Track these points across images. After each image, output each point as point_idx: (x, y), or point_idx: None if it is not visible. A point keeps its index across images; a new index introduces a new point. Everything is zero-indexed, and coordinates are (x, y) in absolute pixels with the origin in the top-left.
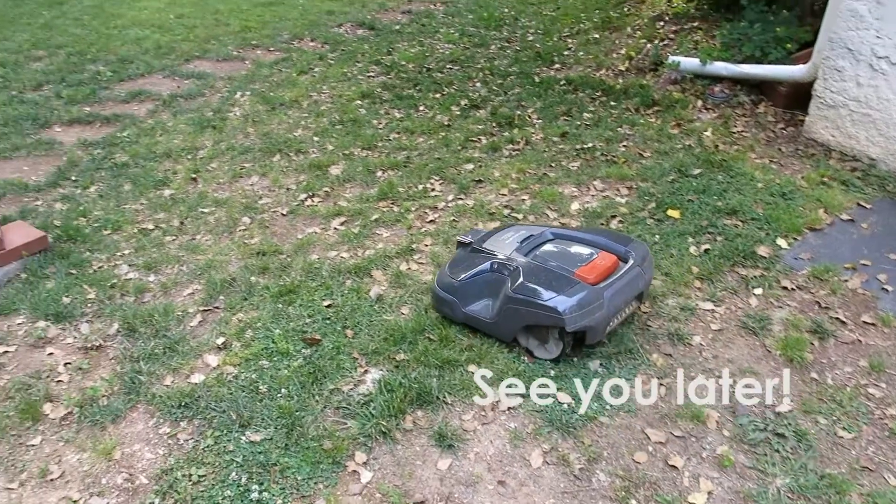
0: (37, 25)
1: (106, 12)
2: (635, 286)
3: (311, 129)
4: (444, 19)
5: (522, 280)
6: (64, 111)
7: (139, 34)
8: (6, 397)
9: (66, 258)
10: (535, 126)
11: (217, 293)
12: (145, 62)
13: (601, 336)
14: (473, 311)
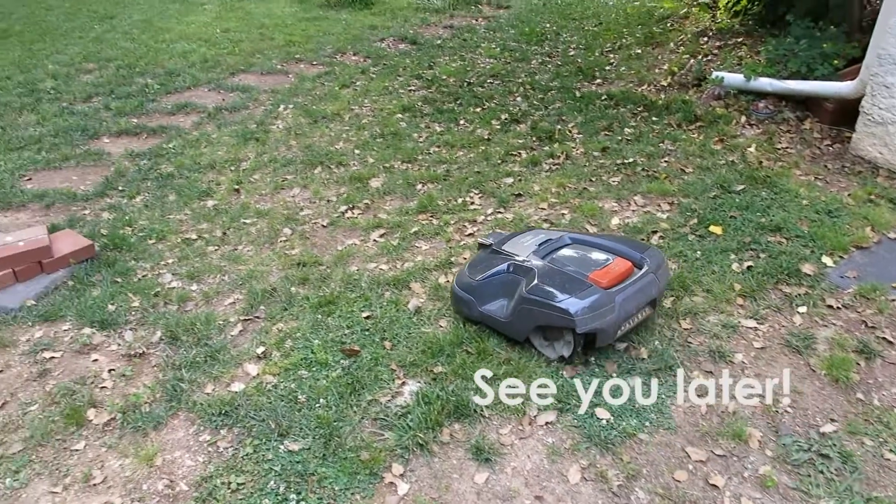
0: (88, 39)
1: (155, 26)
2: (648, 292)
3: (352, 141)
4: (486, 34)
5: (537, 282)
6: (112, 123)
7: (186, 48)
8: (52, 402)
9: (112, 266)
10: (576, 141)
11: (258, 303)
12: (192, 75)
13: (612, 339)
14: (489, 311)
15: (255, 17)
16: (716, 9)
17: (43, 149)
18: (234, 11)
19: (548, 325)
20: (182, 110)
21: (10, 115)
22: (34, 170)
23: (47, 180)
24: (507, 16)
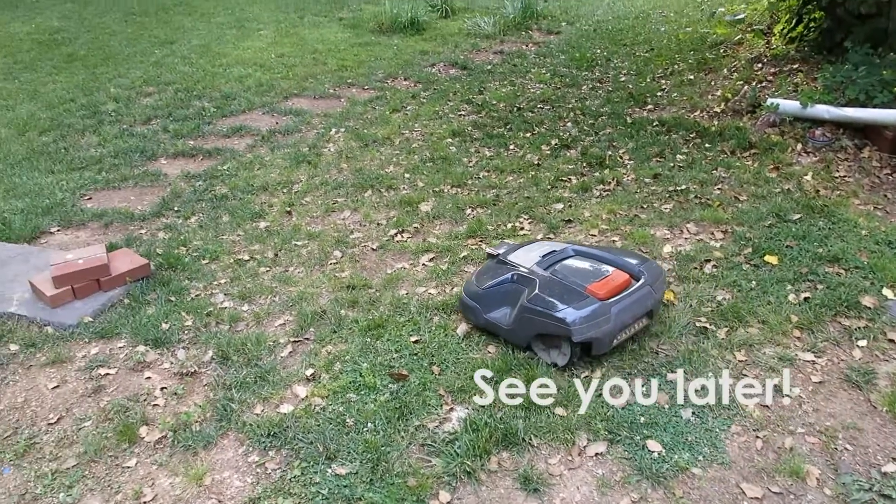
0: (149, 63)
1: (212, 51)
2: (644, 304)
3: (402, 165)
4: (536, 59)
5: (538, 292)
6: (170, 144)
7: (242, 72)
8: (105, 418)
9: (167, 285)
10: (627, 167)
11: (307, 325)
12: (247, 99)
13: (607, 348)
14: (493, 318)
15: (308, 43)
16: (770, 35)
17: (103, 169)
18: (289, 37)
19: (549, 334)
20: (237, 133)
21: (73, 136)
22: (94, 189)
23: (107, 200)
24: (557, 41)
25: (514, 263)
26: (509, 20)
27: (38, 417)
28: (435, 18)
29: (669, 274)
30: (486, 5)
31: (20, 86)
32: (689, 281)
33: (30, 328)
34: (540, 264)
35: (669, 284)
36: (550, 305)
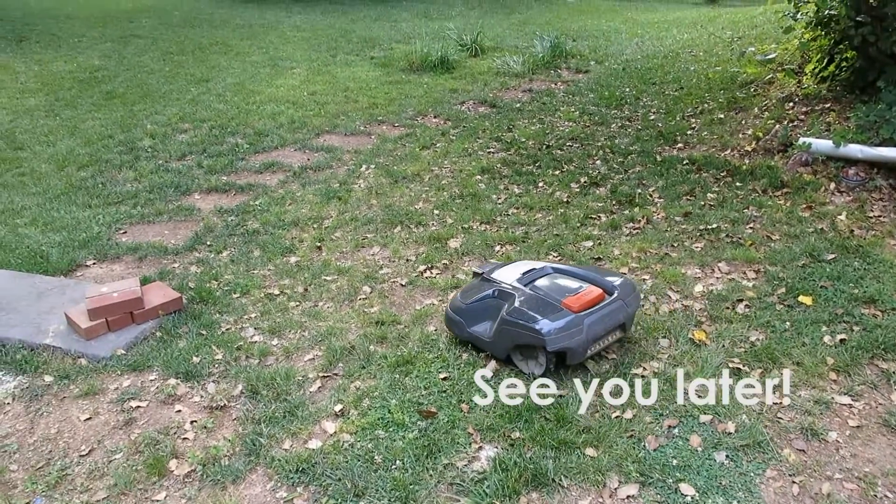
0: (185, 100)
1: (246, 89)
2: (616, 317)
3: (431, 202)
4: (565, 98)
5: (516, 305)
6: (203, 180)
7: (275, 109)
8: (136, 451)
9: (198, 319)
10: (657, 205)
11: (336, 360)
12: (279, 136)
13: (581, 358)
14: (476, 331)
15: (340, 81)
16: (802, 74)
17: (139, 204)
18: (321, 75)
19: (525, 345)
20: (269, 169)
21: (110, 171)
22: (130, 224)
23: (141, 234)
24: (586, 80)
25: (497, 280)
26: (538, 59)
27: (71, 449)
28: (465, 57)
29: (701, 313)
30: (516, 45)
31: (61, 122)
32: (722, 321)
33: (64, 360)
34: (520, 281)
35: (700, 324)
36: (528, 317)
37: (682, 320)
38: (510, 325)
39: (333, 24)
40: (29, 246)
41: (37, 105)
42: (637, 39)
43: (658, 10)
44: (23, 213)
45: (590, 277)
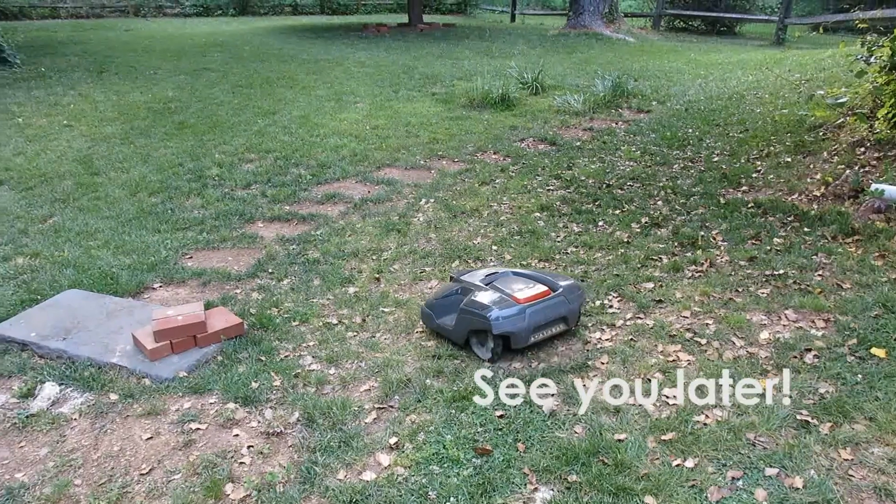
0: (251, 132)
1: (311, 122)
2: (557, 310)
3: (490, 237)
4: (626, 137)
5: (472, 297)
6: (267, 209)
7: (338, 142)
8: (194, 473)
9: (258, 345)
10: (720, 248)
11: (392, 392)
12: (341, 168)
13: (524, 343)
14: (442, 322)
15: (402, 116)
16: (874, 119)
17: (204, 230)
18: (384, 110)
19: (477, 329)
20: (330, 200)
21: (179, 198)
22: (195, 249)
23: (206, 259)
24: (647, 120)
25: (464, 281)
26: (599, 98)
27: (132, 467)
28: (525, 95)
29: (766, 361)
30: (576, 83)
31: (135, 150)
32: (789, 370)
33: (129, 379)
34: (483, 281)
35: (766, 373)
36: (480, 307)
37: (746, 368)
38: (467, 313)
39: (396, 60)
40: (101, 267)
41: (113, 133)
42: (700, 80)
43: (722, 51)
44: (96, 236)
45: (541, 279)
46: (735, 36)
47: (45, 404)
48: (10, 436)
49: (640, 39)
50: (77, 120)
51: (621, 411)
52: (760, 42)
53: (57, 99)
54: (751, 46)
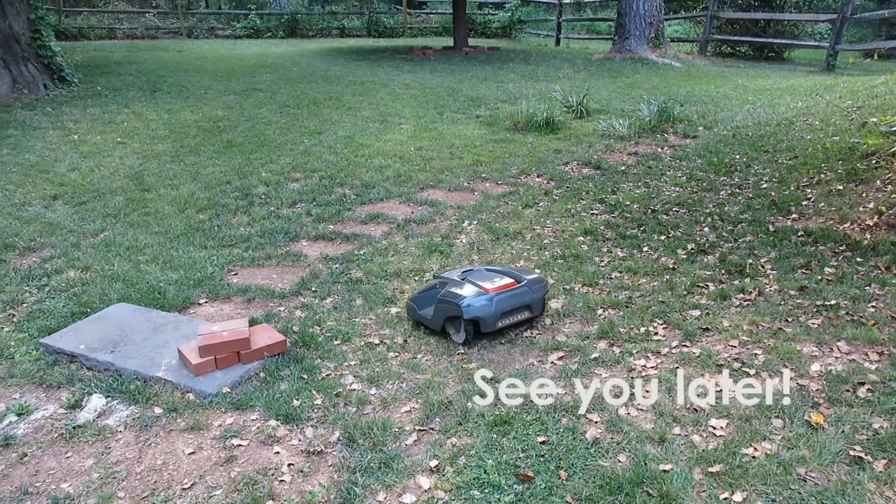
0: (298, 151)
1: (356, 142)
2: (522, 299)
3: (532, 261)
4: (671, 162)
5: (448, 289)
6: (311, 228)
7: (382, 163)
8: (234, 489)
9: (300, 363)
10: (769, 277)
11: (433, 414)
12: (385, 188)
13: (492, 327)
14: (423, 313)
15: (446, 138)
16: None
17: (250, 247)
18: (428, 132)
19: (452, 316)
20: (374, 220)
21: (226, 215)
22: (241, 266)
23: (251, 276)
24: (693, 145)
25: (443, 277)
26: (644, 122)
27: (174, 481)
28: (570, 119)
29: (818, 394)
30: (622, 107)
31: (184, 167)
32: (841, 404)
33: (174, 393)
34: (459, 276)
35: (817, 406)
36: (454, 296)
37: (797, 400)
38: (443, 302)
39: (441, 83)
40: (148, 282)
41: (164, 150)
42: (748, 106)
43: (770, 76)
44: (145, 251)
45: (509, 273)
46: (784, 62)
47: (91, 416)
48: (57, 446)
49: (687, 64)
50: (130, 137)
51: (667, 441)
52: (810, 68)
53: (111, 117)
54: (800, 72)
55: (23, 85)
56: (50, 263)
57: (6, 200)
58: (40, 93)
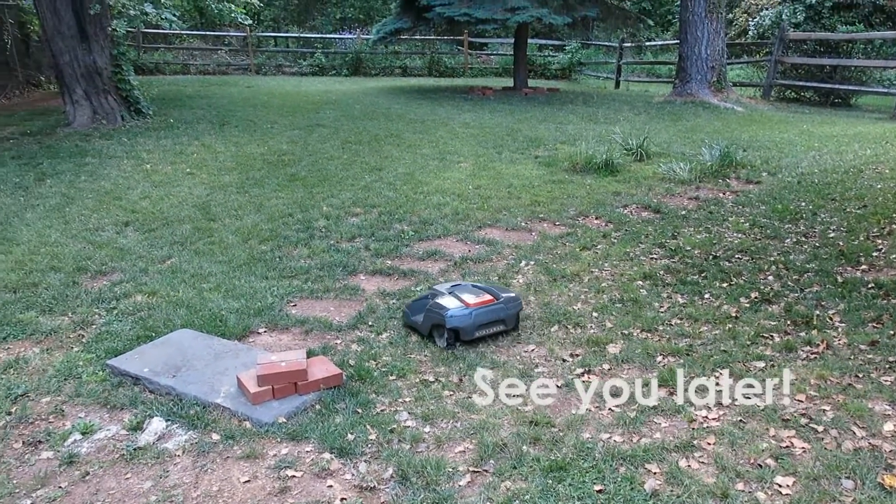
0: (358, 187)
1: (415, 179)
2: (497, 314)
3: (590, 304)
4: (734, 208)
5: (436, 300)
6: (369, 262)
7: (441, 200)
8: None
9: (355, 397)
10: (838, 330)
11: (488, 456)
12: (443, 226)
13: (470, 336)
14: (415, 319)
15: (504, 177)
16: None
17: (309, 279)
18: (487, 171)
19: (437, 324)
20: (431, 257)
21: (287, 247)
22: (300, 297)
23: (309, 308)
24: (757, 191)
25: (435, 290)
26: (706, 167)
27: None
28: (629, 161)
29: (891, 456)
30: (682, 151)
31: (249, 199)
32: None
33: (231, 421)
34: (448, 290)
35: (891, 468)
36: (440, 307)
37: (868, 461)
38: (431, 312)
39: (500, 122)
40: (211, 309)
41: (230, 182)
42: (813, 152)
43: (836, 123)
44: (209, 279)
45: (490, 291)
46: (851, 108)
47: (151, 438)
48: (118, 466)
49: (750, 109)
50: (199, 168)
51: (729, 497)
52: (878, 115)
53: (182, 148)
54: (868, 119)
55: (102, 116)
56: (119, 287)
57: (82, 225)
58: (117, 124)
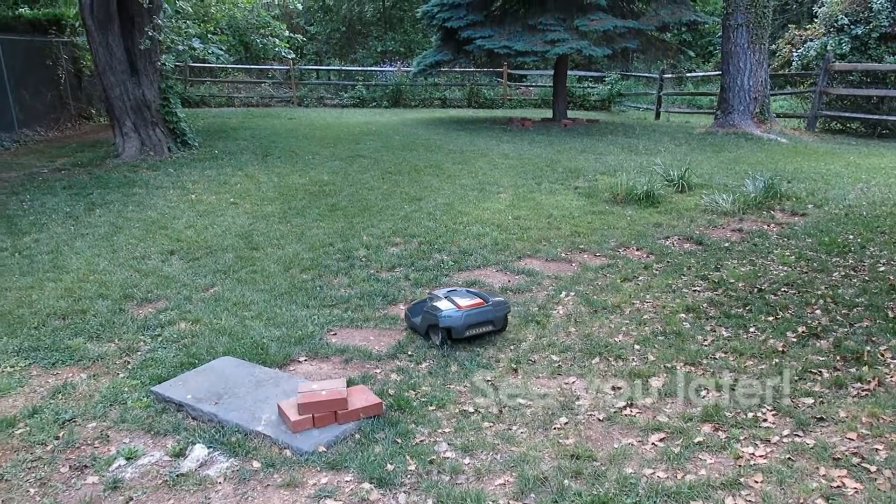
0: (398, 217)
1: (455, 209)
2: (486, 315)
3: (632, 336)
4: (779, 241)
5: (432, 303)
6: (409, 292)
7: (480, 231)
8: None
9: (395, 427)
10: (891, 366)
11: (528, 489)
12: (482, 256)
13: (461, 335)
14: (414, 320)
15: (544, 208)
16: None
17: (349, 308)
18: (526, 201)
19: (433, 324)
20: (470, 287)
21: (328, 276)
22: (340, 326)
23: (349, 337)
24: (802, 223)
25: (433, 294)
26: (749, 198)
27: None
28: (671, 192)
29: None
30: (725, 182)
31: (291, 228)
32: None
33: (272, 448)
34: (444, 294)
35: None
36: (435, 309)
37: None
38: (427, 313)
39: (540, 153)
40: (252, 337)
41: (273, 211)
42: (861, 185)
43: (885, 155)
44: (251, 307)
45: (480, 295)
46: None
47: (193, 465)
48: (161, 492)
49: (794, 140)
50: (242, 198)
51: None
52: None
53: (226, 178)
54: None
55: (149, 147)
56: (164, 315)
57: (129, 254)
58: (164, 155)
